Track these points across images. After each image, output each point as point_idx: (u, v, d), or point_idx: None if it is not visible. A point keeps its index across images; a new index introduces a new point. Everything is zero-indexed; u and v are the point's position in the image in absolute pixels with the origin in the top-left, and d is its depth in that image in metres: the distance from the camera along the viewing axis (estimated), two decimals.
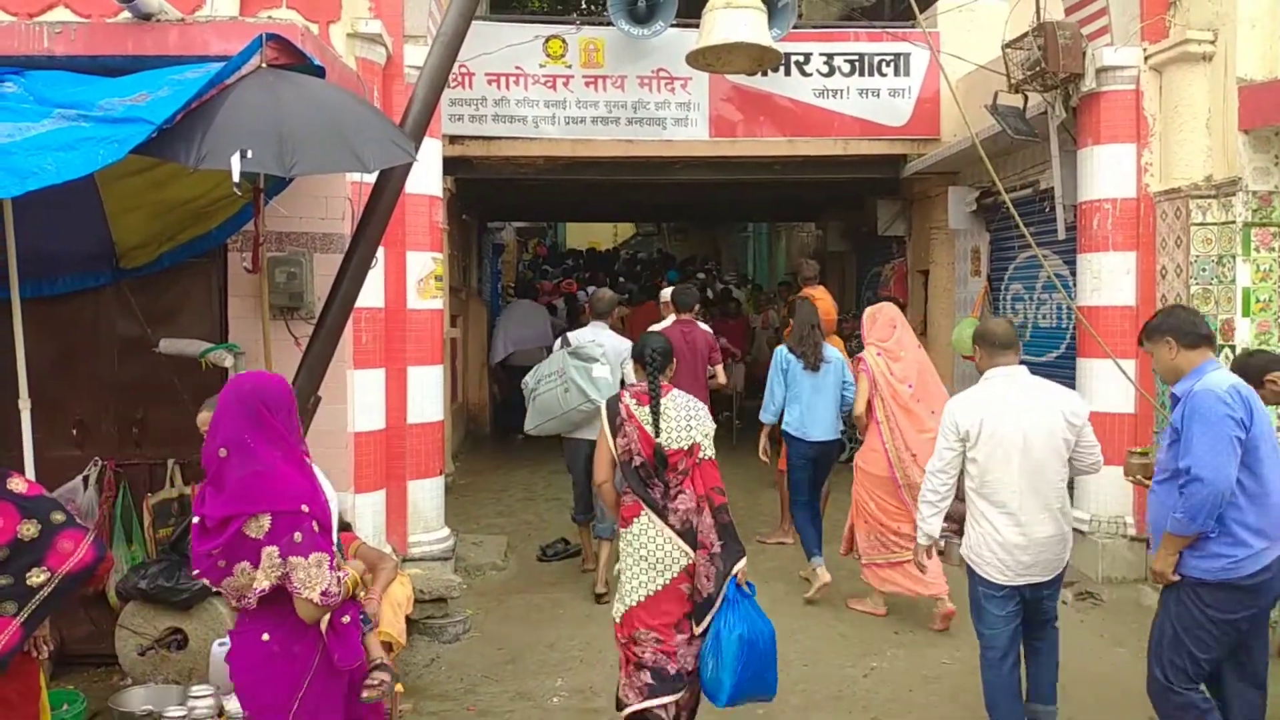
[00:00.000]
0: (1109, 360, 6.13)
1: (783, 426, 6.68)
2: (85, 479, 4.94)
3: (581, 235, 28.93)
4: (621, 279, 18.80)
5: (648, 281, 18.31)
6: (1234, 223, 6.06)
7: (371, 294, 5.55)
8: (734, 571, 3.91)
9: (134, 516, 5.03)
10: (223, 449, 2.82)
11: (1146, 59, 6.57)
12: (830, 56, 9.46)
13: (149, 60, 4.23)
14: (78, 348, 5.23)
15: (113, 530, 4.96)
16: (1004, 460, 4.12)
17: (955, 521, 7.47)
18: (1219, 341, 6.06)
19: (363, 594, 3.35)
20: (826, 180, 10.62)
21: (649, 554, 3.91)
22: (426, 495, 6.28)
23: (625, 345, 6.42)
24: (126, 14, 4.39)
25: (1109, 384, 6.49)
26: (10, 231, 4.18)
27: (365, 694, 3.16)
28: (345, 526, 4.59)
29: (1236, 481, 3.52)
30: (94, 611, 4.88)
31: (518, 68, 9.09)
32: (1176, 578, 3.70)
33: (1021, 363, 4.36)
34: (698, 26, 8.06)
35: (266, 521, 2.78)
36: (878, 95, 9.50)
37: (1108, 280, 6.66)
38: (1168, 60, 6.45)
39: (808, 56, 9.42)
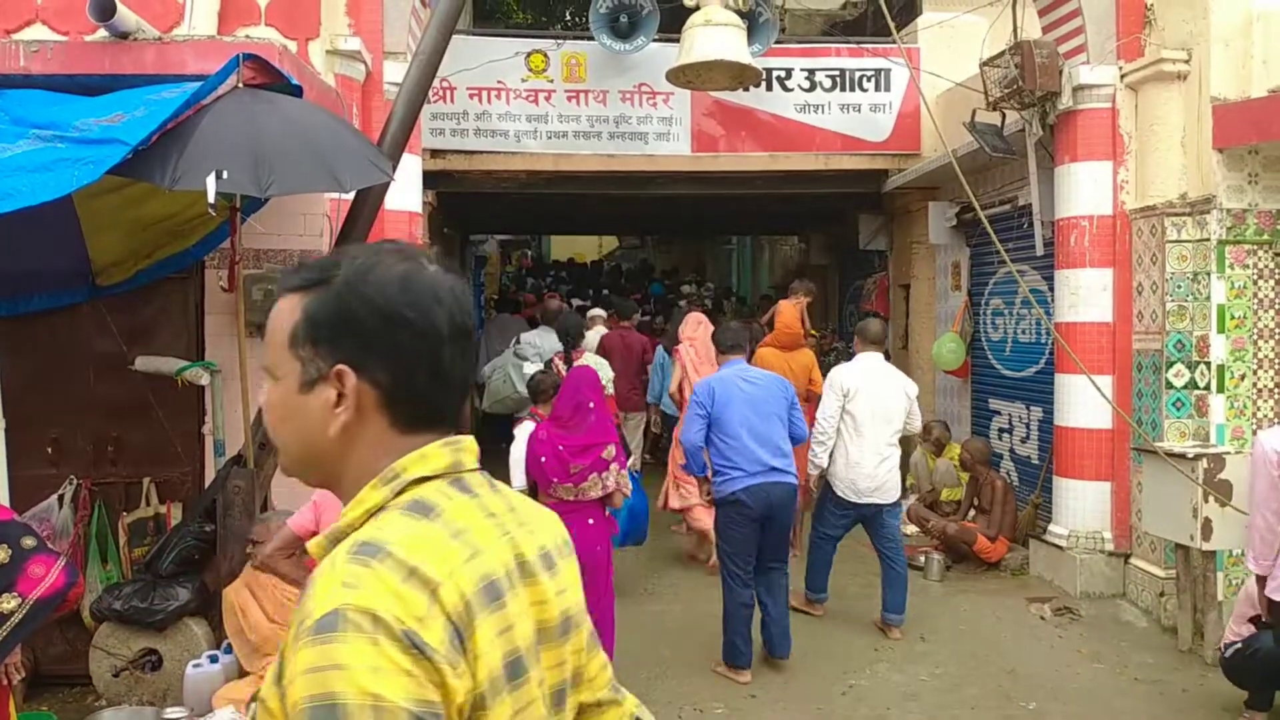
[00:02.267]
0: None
1: (661, 406, 8.74)
2: (60, 498, 4.90)
3: (566, 247, 28.90)
4: (605, 291, 18.78)
5: (631, 293, 18.31)
6: (1208, 240, 6.12)
7: None
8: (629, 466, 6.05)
9: (109, 536, 5.00)
10: (590, 403, 4.93)
11: (1122, 77, 6.63)
12: (811, 72, 9.50)
13: (126, 79, 4.23)
14: (53, 365, 5.19)
15: (87, 549, 4.93)
16: (868, 413, 5.91)
17: (936, 537, 7.53)
18: (1194, 358, 6.12)
19: None
20: (808, 194, 10.66)
21: None
22: None
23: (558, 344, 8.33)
24: (104, 32, 4.39)
25: (1087, 400, 6.53)
26: None
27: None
28: None
29: (711, 437, 5.42)
30: (69, 631, 4.84)
31: (499, 82, 9.10)
32: (709, 499, 5.80)
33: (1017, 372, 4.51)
34: (679, 41, 8.09)
35: (613, 449, 4.93)
36: (859, 110, 9.55)
37: (1085, 296, 6.71)
38: (1143, 79, 6.52)
39: (789, 72, 9.47)
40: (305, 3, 5.29)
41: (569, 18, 16.72)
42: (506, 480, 5.71)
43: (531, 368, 7.89)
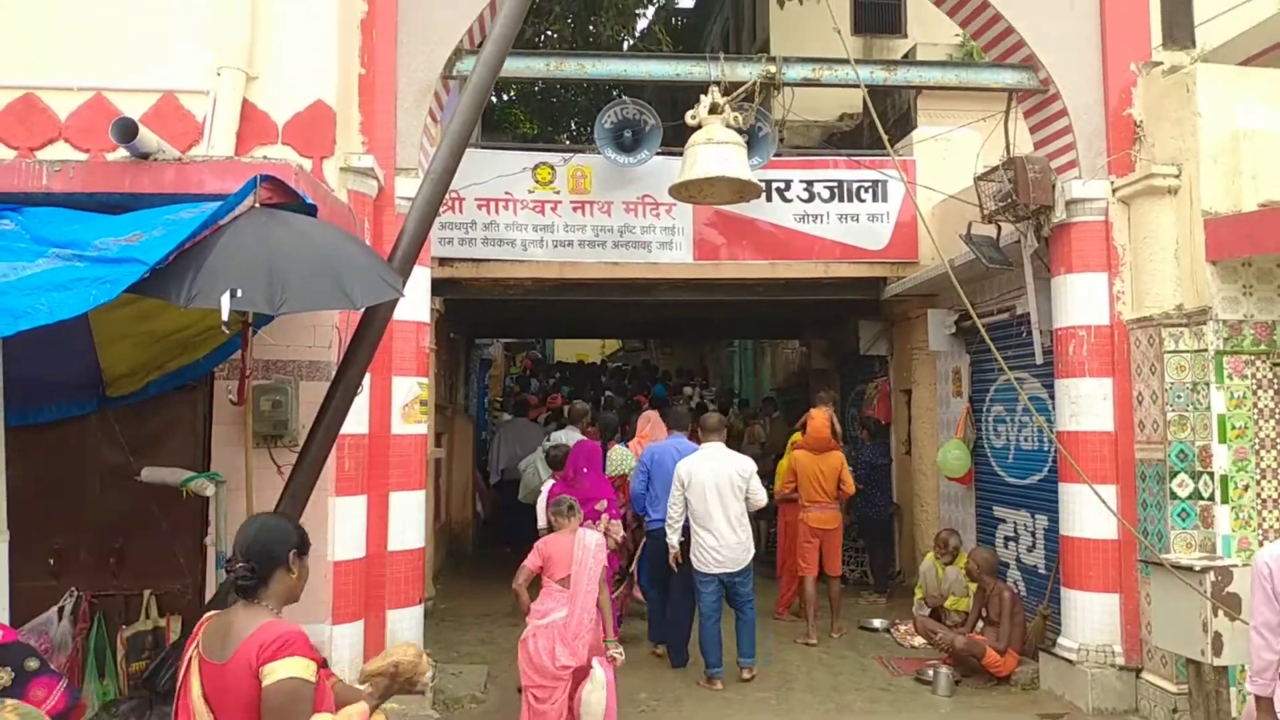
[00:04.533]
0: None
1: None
2: (60, 610, 4.86)
3: (569, 347, 29.15)
4: (608, 393, 18.85)
5: (634, 394, 18.40)
6: (1206, 350, 6.17)
7: (356, 420, 5.57)
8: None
9: (107, 649, 4.93)
10: (585, 468, 7.38)
11: (1114, 191, 6.79)
12: (810, 183, 9.74)
13: (146, 198, 4.34)
14: (60, 475, 5.21)
15: (85, 664, 4.86)
16: (702, 495, 7.06)
17: (944, 650, 7.40)
18: (1197, 468, 6.13)
19: None
20: (809, 300, 10.80)
21: None
22: (406, 625, 6.17)
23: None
24: (125, 151, 4.53)
25: (1092, 509, 6.50)
26: None
27: None
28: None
29: (647, 489, 7.58)
30: None
31: (507, 193, 9.32)
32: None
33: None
34: (681, 154, 8.31)
35: (604, 505, 7.27)
36: (857, 220, 9.76)
37: (1085, 406, 6.73)
38: (1135, 193, 6.67)
39: (788, 183, 9.71)
40: (321, 123, 5.46)
41: (574, 128, 17.21)
42: None
43: None
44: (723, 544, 7.01)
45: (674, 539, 7.18)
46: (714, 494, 7.01)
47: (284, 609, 3.83)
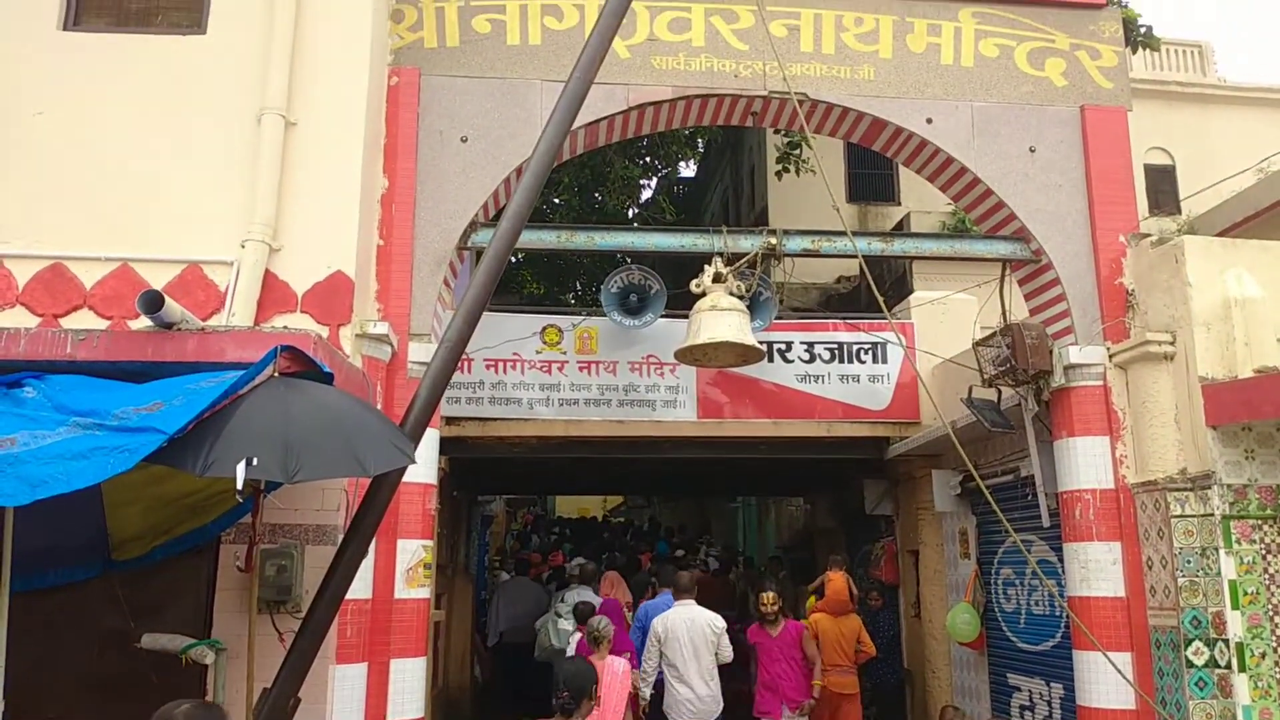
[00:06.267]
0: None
1: None
2: None
3: (571, 502, 28.95)
4: (607, 551, 18.62)
5: (639, 552, 18.17)
6: (1212, 515, 6.16)
7: (359, 585, 5.51)
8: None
9: None
10: (611, 627, 7.44)
11: (1111, 357, 6.90)
12: (811, 344, 9.94)
13: (168, 366, 4.46)
14: (59, 641, 5.13)
15: None
16: (679, 649, 7.54)
17: None
18: (1212, 635, 6.03)
19: None
20: (812, 459, 10.83)
21: None
22: None
23: (595, 601, 10.05)
24: (148, 321, 4.67)
25: (1108, 678, 6.34)
26: (9, 532, 4.21)
27: None
28: None
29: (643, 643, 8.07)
30: None
31: (515, 354, 9.51)
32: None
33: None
34: (685, 316, 8.53)
35: (629, 655, 7.54)
36: (858, 380, 9.90)
37: (1095, 570, 6.66)
38: (1131, 359, 6.78)
39: (789, 345, 9.91)
40: (340, 292, 5.64)
41: (580, 288, 17.63)
42: None
43: (566, 624, 10.03)
44: (697, 696, 7.48)
45: (646, 692, 7.64)
46: (689, 648, 7.52)
47: None
